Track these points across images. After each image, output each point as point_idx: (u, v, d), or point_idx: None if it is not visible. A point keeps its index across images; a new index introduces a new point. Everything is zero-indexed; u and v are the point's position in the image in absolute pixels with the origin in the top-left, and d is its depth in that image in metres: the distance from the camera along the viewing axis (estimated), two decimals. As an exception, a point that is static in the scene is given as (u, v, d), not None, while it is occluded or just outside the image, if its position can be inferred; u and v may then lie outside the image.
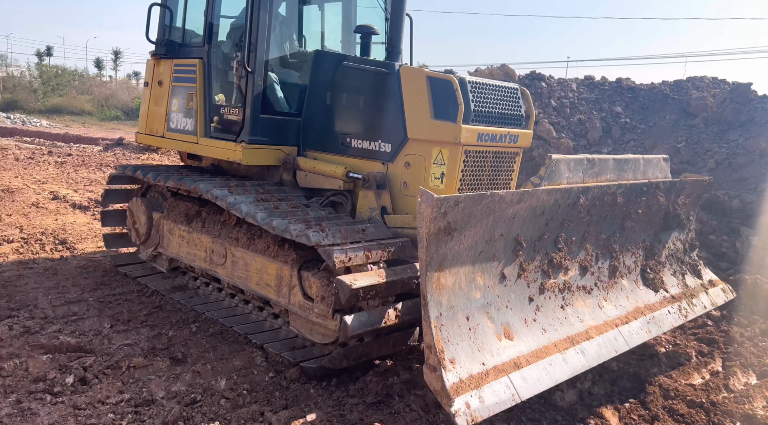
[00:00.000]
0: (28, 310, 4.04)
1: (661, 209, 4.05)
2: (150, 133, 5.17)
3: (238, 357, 3.60)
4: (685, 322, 4.00)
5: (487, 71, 10.26)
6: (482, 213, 2.70)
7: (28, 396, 2.94)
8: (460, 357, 2.57)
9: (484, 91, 3.79)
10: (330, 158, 4.29)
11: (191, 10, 4.93)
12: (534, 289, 3.15)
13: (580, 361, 3.07)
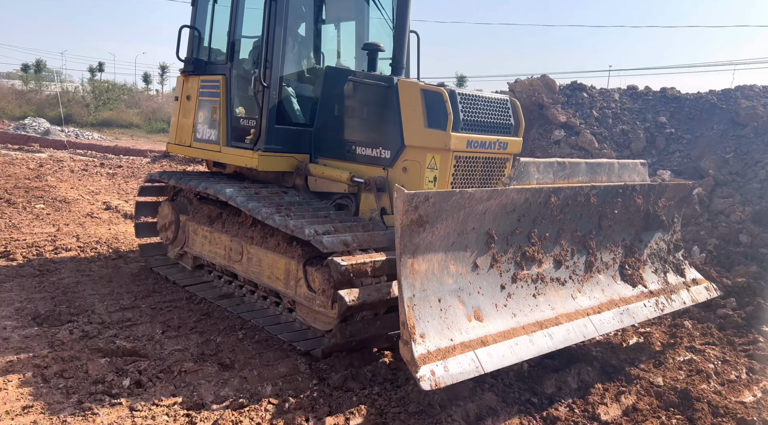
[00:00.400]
0: (87, 315, 4.25)
1: (640, 210, 4.26)
2: (179, 143, 5.64)
3: (283, 363, 3.70)
4: (657, 315, 4.17)
5: (526, 82, 10.23)
6: (452, 208, 3.01)
7: (89, 397, 3.10)
8: (430, 332, 2.89)
9: (473, 102, 4.16)
10: (337, 164, 4.66)
11: (216, 31, 5.37)
12: (506, 278, 3.42)
13: (546, 343, 3.33)
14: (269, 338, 4.07)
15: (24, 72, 40.65)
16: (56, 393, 3.14)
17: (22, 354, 3.57)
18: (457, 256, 3.17)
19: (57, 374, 3.33)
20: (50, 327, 4.02)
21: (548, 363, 4.01)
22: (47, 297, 4.60)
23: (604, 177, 4.18)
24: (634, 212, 4.23)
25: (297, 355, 3.83)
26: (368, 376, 3.60)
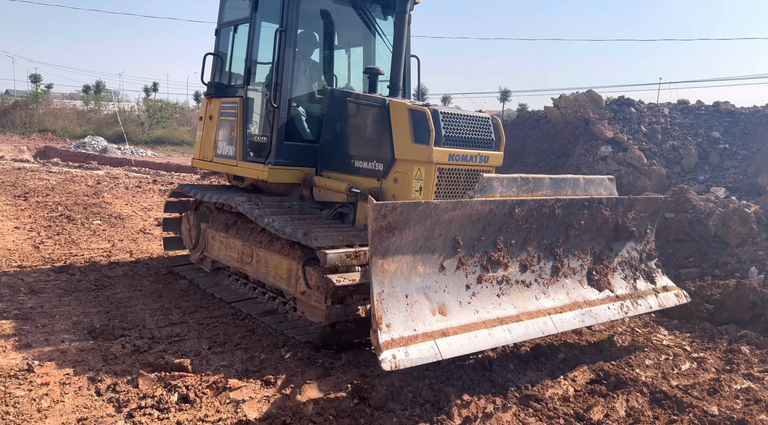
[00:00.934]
0: (138, 330, 4.41)
1: (608, 221, 4.57)
2: (202, 158, 6.30)
3: (325, 382, 3.73)
4: (620, 317, 4.44)
5: (571, 97, 10.08)
6: (419, 217, 3.39)
7: (139, 411, 3.21)
8: (395, 323, 3.26)
9: (455, 120, 4.61)
10: (338, 176, 5.16)
11: (236, 58, 5.94)
12: (472, 279, 3.77)
13: (505, 336, 3.68)
14: (311, 356, 4.12)
15: (85, 93, 42.76)
16: (109, 406, 3.26)
17: (78, 366, 3.73)
18: (425, 258, 3.55)
19: (110, 387, 3.47)
20: (104, 341, 4.19)
21: (596, 387, 3.90)
22: (102, 312, 4.80)
23: (569, 191, 4.48)
24: (603, 223, 4.55)
25: (339, 374, 3.85)
26: (409, 397, 3.59)
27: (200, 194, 5.80)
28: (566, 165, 9.36)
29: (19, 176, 14.12)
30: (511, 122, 11.59)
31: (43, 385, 3.44)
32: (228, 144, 5.82)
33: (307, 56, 5.97)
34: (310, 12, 5.78)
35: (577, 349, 4.65)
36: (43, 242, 7.24)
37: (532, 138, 10.52)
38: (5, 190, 11.65)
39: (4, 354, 3.85)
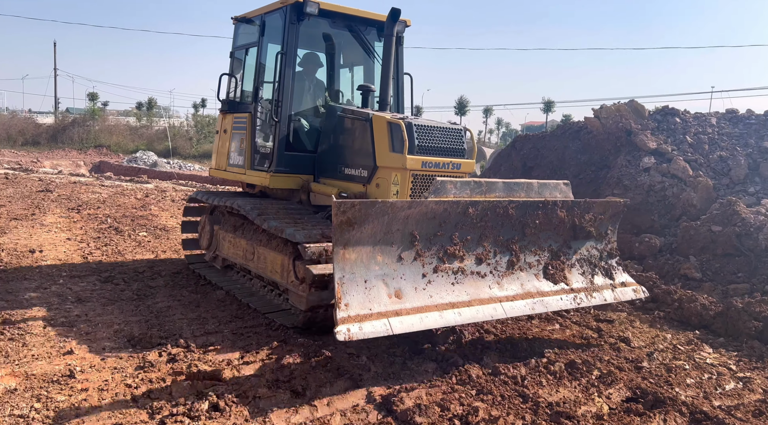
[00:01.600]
0: (174, 339, 4.54)
1: (564, 222, 4.94)
2: (218, 168, 6.99)
3: (353, 394, 3.75)
4: (575, 307, 4.91)
5: (613, 108, 9.86)
6: (377, 213, 3.85)
7: (171, 418, 3.30)
8: (353, 303, 3.75)
9: (428, 131, 5.14)
10: (331, 182, 5.75)
11: (247, 78, 6.59)
12: (428, 269, 4.22)
13: (455, 318, 4.13)
14: (340, 367, 4.14)
15: (138, 109, 44.60)
16: (143, 412, 3.37)
17: (116, 373, 3.87)
18: (384, 249, 4.02)
19: (145, 394, 3.58)
20: (142, 349, 4.33)
21: (632, 406, 3.77)
22: (142, 320, 4.97)
23: (522, 194, 4.92)
24: (559, 224, 4.93)
25: (367, 387, 3.86)
26: (437, 411, 3.56)
27: (212, 200, 6.50)
28: (607, 177, 9.14)
29: (74, 190, 14.81)
30: (551, 133, 11.42)
31: (82, 390, 3.58)
32: (238, 154, 6.48)
33: (312, 75, 6.57)
34: (312, 35, 6.38)
35: (613, 365, 4.51)
36: (92, 253, 7.56)
37: (572, 149, 10.33)
38: (61, 203, 12.24)
39: (49, 359, 4.03)
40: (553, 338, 5.19)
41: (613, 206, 5.32)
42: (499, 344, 4.87)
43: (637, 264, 7.37)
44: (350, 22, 6.34)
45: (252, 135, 6.25)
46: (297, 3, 5.77)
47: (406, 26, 6.52)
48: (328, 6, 5.99)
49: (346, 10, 6.20)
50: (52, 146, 33.45)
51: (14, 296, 5.40)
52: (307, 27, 6.03)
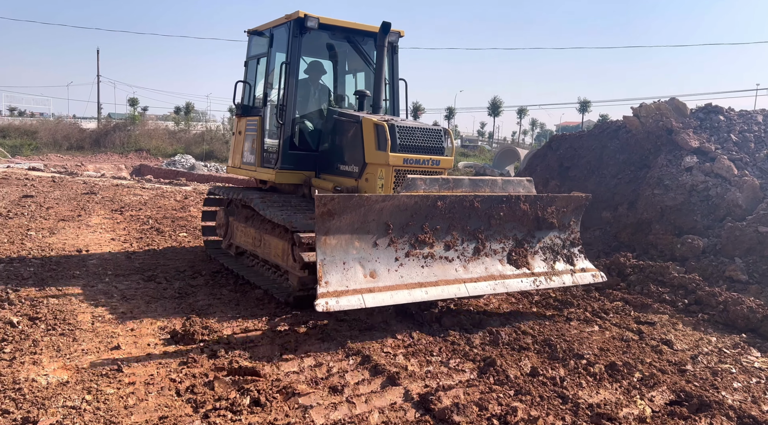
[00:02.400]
0: (216, 335, 4.65)
1: (528, 214, 5.56)
2: (234, 166, 7.73)
3: (390, 392, 3.77)
4: (534, 289, 5.50)
5: (653, 106, 9.63)
6: (354, 206, 4.51)
7: (214, 412, 3.38)
8: (332, 281, 4.44)
9: (410, 132, 5.77)
10: (329, 177, 6.39)
11: (258, 85, 7.27)
12: (401, 253, 4.88)
13: (421, 295, 4.78)
14: (377, 365, 4.17)
15: (176, 114, 45.67)
16: (187, 406, 3.46)
17: (161, 369, 3.99)
18: (361, 237, 4.68)
19: (188, 389, 3.68)
20: (185, 345, 4.45)
21: (676, 409, 3.69)
22: (184, 318, 5.10)
23: (487, 189, 5.47)
24: (523, 216, 5.55)
25: (405, 385, 3.88)
26: (475, 410, 3.55)
27: (227, 194, 7.25)
28: (647, 176, 8.93)
29: (116, 192, 15.28)
30: (588, 133, 11.22)
31: (129, 384, 3.71)
32: (251, 153, 7.18)
33: (317, 81, 7.25)
34: (316, 45, 7.04)
35: (655, 368, 4.41)
36: (135, 253, 7.79)
37: (611, 149, 10.13)
38: (104, 205, 12.64)
39: (97, 354, 4.18)
40: (592, 339, 5.10)
41: (575, 200, 5.91)
42: (536, 345, 4.82)
43: (679, 265, 7.18)
44: (348, 33, 6.99)
45: (262, 136, 6.96)
46: (299, 18, 6.45)
47: (400, 37, 7.14)
48: (327, 20, 6.62)
49: (344, 24, 6.83)
50: (95, 150, 34.57)
51: (64, 294, 5.61)
52: (310, 39, 6.70)
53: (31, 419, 3.11)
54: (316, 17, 6.48)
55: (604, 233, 8.97)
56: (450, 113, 69.75)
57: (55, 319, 4.83)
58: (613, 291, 6.76)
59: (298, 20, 6.47)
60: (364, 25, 6.95)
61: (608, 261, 7.50)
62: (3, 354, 4.03)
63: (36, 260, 6.94)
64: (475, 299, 6.21)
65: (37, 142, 35.07)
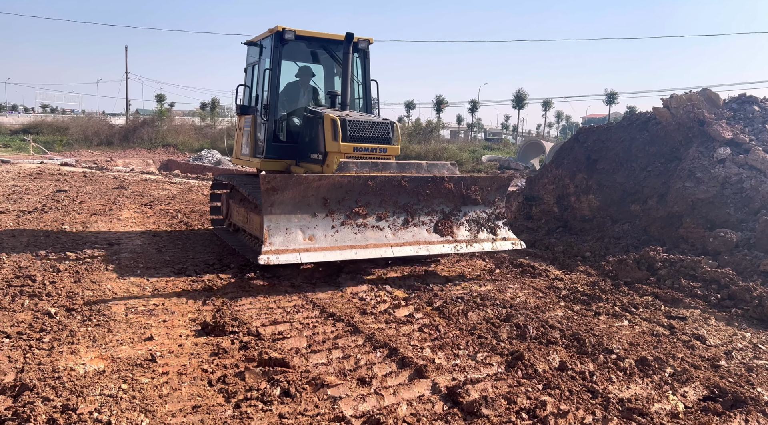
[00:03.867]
0: (246, 327, 4.71)
1: (453, 192, 6.55)
2: (235, 157, 9.00)
3: (418, 384, 3.78)
4: (455, 253, 6.49)
5: (684, 97, 9.42)
6: (294, 184, 5.62)
7: (245, 401, 3.45)
8: (275, 242, 5.55)
9: (360, 125, 6.81)
10: (304, 165, 7.46)
11: (255, 88, 8.31)
12: (337, 222, 5.92)
13: (351, 255, 5.82)
14: (405, 357, 4.19)
15: (202, 110, 46.23)
16: (219, 396, 3.53)
17: (193, 359, 4.07)
18: (302, 208, 5.78)
19: (220, 379, 3.75)
20: (216, 336, 4.53)
21: (709, 405, 3.63)
22: (213, 310, 5.19)
23: (413, 171, 6.55)
24: (448, 193, 6.53)
25: (432, 378, 3.89)
26: (504, 404, 3.55)
27: (225, 180, 8.56)
28: (678, 169, 8.75)
29: (145, 187, 15.57)
30: (617, 125, 11.02)
31: (163, 374, 3.79)
32: (246, 146, 8.33)
33: (306, 83, 8.32)
34: (299, 52, 8.12)
35: (687, 363, 4.34)
36: (166, 246, 7.93)
37: (640, 141, 9.94)
38: (134, 199, 12.90)
39: (132, 344, 4.28)
40: (621, 334, 5.04)
41: (498, 181, 6.96)
42: (564, 339, 4.78)
43: (712, 260, 7.03)
44: (322, 42, 8.08)
45: (254, 131, 8.05)
46: (278, 32, 7.55)
47: (369, 44, 8.18)
48: (302, 32, 7.74)
49: (317, 34, 7.92)
50: (124, 146, 35.24)
51: (98, 286, 5.75)
52: (290, 48, 7.79)
53: (71, 406, 3.21)
54: (293, 30, 7.56)
55: (632, 227, 8.83)
56: (474, 106, 69.19)
57: (91, 310, 4.96)
58: (642, 285, 6.65)
59: (277, 33, 7.55)
60: (335, 35, 7.90)
61: (637, 255, 7.38)
62: (42, 343, 4.17)
63: (71, 252, 7.13)
64: (501, 293, 6.18)
65: (69, 138, 35.88)
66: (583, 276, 7.20)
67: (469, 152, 36.63)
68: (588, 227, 9.63)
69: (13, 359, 3.88)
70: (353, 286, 6.14)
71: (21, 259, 6.68)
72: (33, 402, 3.21)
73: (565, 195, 10.61)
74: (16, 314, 4.80)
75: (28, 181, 15.59)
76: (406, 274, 6.84)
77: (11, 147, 33.05)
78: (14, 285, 5.59)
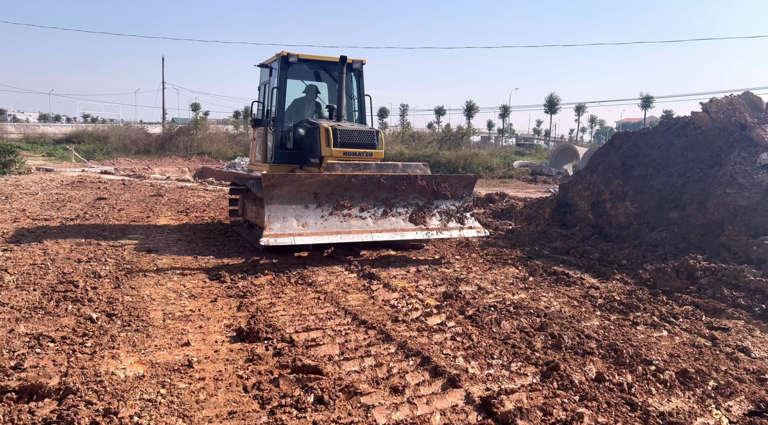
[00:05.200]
0: (279, 334, 4.77)
1: (425, 188, 7.83)
2: (251, 163, 10.35)
3: (451, 394, 3.76)
4: (425, 238, 7.73)
5: (724, 101, 9.16)
6: (289, 181, 7.03)
7: (279, 408, 3.48)
8: (274, 228, 6.88)
9: (348, 133, 8.20)
10: (306, 168, 8.65)
11: (266, 104, 9.54)
12: (326, 213, 7.24)
13: (338, 239, 7.15)
14: (438, 366, 4.17)
15: (235, 118, 47.05)
16: (254, 402, 3.57)
17: (228, 365, 4.14)
18: (296, 201, 7.14)
19: (255, 385, 3.79)
20: (250, 343, 4.59)
21: (756, 420, 3.50)
22: (248, 316, 5.27)
23: (390, 171, 7.82)
24: (421, 189, 7.84)
25: (464, 389, 3.86)
26: (539, 415, 3.50)
27: (240, 182, 9.98)
28: (718, 175, 8.50)
29: (181, 194, 15.92)
30: (653, 130, 10.78)
31: (200, 380, 3.86)
32: (259, 153, 9.65)
33: (312, 99, 9.68)
34: (303, 72, 9.45)
35: (731, 376, 4.20)
36: (201, 253, 8.09)
37: (678, 146, 9.70)
38: (171, 206, 13.20)
39: (169, 350, 4.38)
40: (660, 345, 4.91)
41: (465, 179, 8.17)
42: (601, 349, 4.68)
43: (755, 268, 6.80)
44: (321, 64, 9.41)
45: (265, 141, 9.29)
46: (284, 56, 8.84)
47: (363, 64, 9.42)
48: (304, 56, 9.03)
49: (316, 57, 9.21)
50: (161, 154, 36.11)
51: (137, 291, 5.90)
52: (295, 69, 9.10)
53: (113, 410, 3.29)
54: (296, 55, 8.86)
55: (671, 234, 8.61)
56: (504, 111, 68.61)
57: (130, 316, 5.09)
58: (682, 295, 6.47)
59: (283, 57, 8.84)
60: (332, 57, 9.13)
61: (676, 263, 7.18)
62: (85, 348, 4.29)
63: (110, 259, 7.33)
64: (535, 302, 6.10)
65: (108, 147, 36.98)
66: (620, 285, 7.05)
67: (501, 158, 36.29)
68: (624, 234, 9.43)
69: (57, 362, 4.01)
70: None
71: (65, 265, 6.91)
72: (77, 406, 3.31)
73: (600, 202, 10.42)
74: (60, 318, 4.97)
75: (71, 189, 16.12)
76: (438, 282, 6.81)
77: (54, 156, 34.25)
78: (58, 291, 5.78)
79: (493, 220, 12.15)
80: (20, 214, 11.02)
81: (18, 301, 5.41)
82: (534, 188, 23.64)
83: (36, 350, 4.24)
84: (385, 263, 7.73)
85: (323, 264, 7.52)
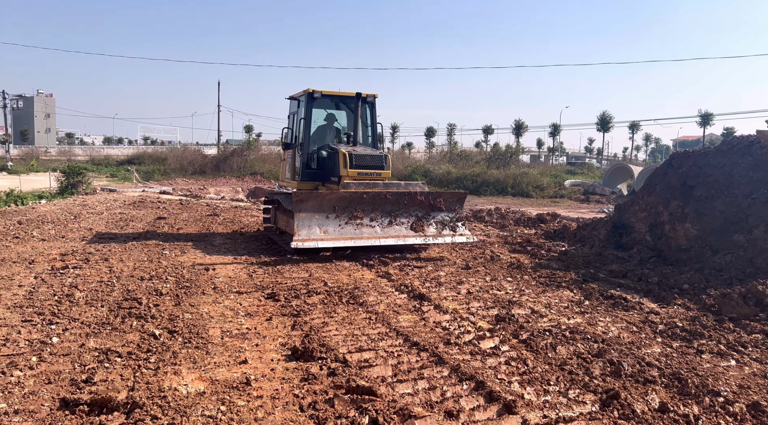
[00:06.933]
0: (333, 353, 4.82)
1: (424, 203, 9.75)
2: (281, 180, 12.54)
3: (507, 420, 3.71)
4: (423, 243, 9.74)
5: None
6: (313, 198, 9.13)
7: (335, 428, 3.51)
8: (302, 234, 8.86)
9: (362, 157, 9.99)
10: (327, 186, 10.43)
11: (294, 130, 11.50)
12: (342, 222, 9.16)
13: (352, 243, 9.08)
14: (492, 391, 4.11)
15: (286, 139, 48.32)
16: (310, 422, 3.62)
17: (284, 384, 4.21)
18: (319, 213, 9.07)
19: (310, 405, 3.85)
20: (305, 362, 4.66)
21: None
22: (302, 335, 5.35)
23: (394, 188, 9.75)
24: (421, 203, 9.71)
25: (523, 412, 3.79)
26: (599, 445, 3.39)
27: (272, 196, 11.72)
28: (788, 195, 8.08)
29: (236, 214, 16.39)
30: (715, 149, 10.38)
31: (258, 397, 3.95)
32: (288, 172, 11.64)
33: (332, 126, 11.52)
34: (327, 105, 11.37)
35: (808, 412, 3.95)
36: (255, 272, 8.30)
37: (742, 166, 9.30)
38: (226, 226, 13.61)
39: (228, 367, 4.50)
40: (728, 375, 4.68)
41: (456, 195, 10.08)
42: (663, 378, 4.51)
43: (831, 296, 6.39)
44: (341, 98, 11.28)
45: (293, 161, 11.26)
46: (309, 92, 10.67)
47: (375, 97, 11.13)
48: (327, 91, 10.86)
49: (337, 93, 11.06)
50: (216, 174, 37.33)
51: (196, 309, 6.11)
52: (320, 102, 11.03)
53: (176, 425, 3.41)
54: (320, 91, 10.70)
55: (736, 258, 8.22)
56: (555, 129, 67.52)
57: (190, 333, 5.27)
58: (750, 322, 6.15)
59: (309, 94, 10.66)
60: (349, 93, 10.95)
61: (743, 289, 6.85)
62: (149, 363, 4.47)
63: (171, 277, 7.62)
64: (591, 326, 5.94)
65: (167, 167, 38.55)
66: (682, 310, 6.77)
67: (551, 177, 35.65)
68: (685, 257, 9.07)
69: (124, 377, 4.19)
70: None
71: (129, 282, 7.23)
72: (143, 420, 3.45)
73: (659, 223, 10.08)
74: (125, 334, 5.19)
75: (132, 209, 16.88)
76: (490, 304, 6.73)
77: (117, 177, 35.98)
78: (123, 307, 6.05)
79: (546, 241, 11.92)
80: (88, 232, 11.63)
81: (87, 317, 5.70)
82: (587, 207, 23.06)
83: (105, 364, 4.45)
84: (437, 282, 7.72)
85: (374, 288, 7.57)
